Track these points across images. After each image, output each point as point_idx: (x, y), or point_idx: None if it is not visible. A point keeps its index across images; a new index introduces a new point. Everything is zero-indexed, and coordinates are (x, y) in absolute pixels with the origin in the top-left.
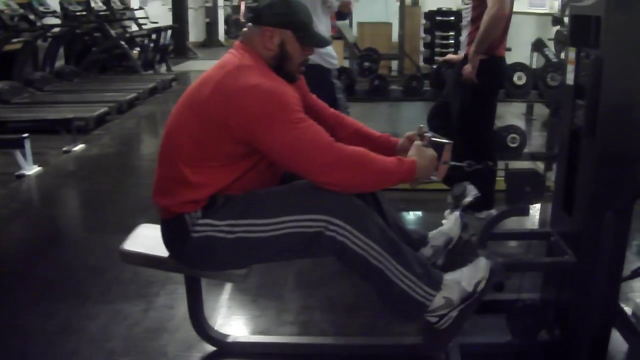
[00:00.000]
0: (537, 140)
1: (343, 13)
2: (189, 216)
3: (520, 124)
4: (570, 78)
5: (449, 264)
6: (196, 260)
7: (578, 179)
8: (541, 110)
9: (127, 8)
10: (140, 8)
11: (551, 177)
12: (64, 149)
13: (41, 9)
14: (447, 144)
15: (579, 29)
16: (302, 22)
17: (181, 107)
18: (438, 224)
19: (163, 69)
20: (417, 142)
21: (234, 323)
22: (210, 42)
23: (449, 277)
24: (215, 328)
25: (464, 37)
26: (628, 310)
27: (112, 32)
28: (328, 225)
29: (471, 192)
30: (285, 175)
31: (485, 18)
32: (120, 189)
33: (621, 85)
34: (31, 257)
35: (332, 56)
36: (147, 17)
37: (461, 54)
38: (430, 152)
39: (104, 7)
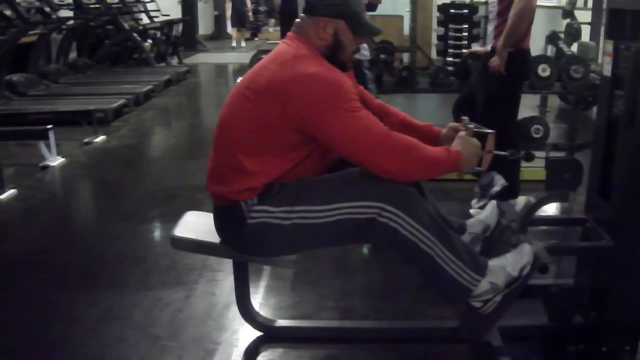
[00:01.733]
0: (553, 132)
1: (373, 5)
2: (245, 203)
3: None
4: (607, 69)
5: (487, 251)
6: (250, 246)
7: (615, 166)
8: (554, 103)
9: (139, 0)
10: (152, 1)
11: None
12: (85, 140)
13: (56, 1)
14: (490, 133)
15: (616, 23)
16: (355, 12)
17: (236, 96)
18: (463, 213)
19: (174, 61)
20: (461, 133)
21: (275, 309)
22: (218, 34)
23: (493, 262)
24: None
25: (490, 30)
26: None
27: (125, 24)
28: (381, 212)
29: (499, 182)
30: (334, 164)
31: (513, 12)
32: (143, 179)
33: None
34: (63, 246)
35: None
36: (158, 10)
37: (485, 46)
38: (474, 141)
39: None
